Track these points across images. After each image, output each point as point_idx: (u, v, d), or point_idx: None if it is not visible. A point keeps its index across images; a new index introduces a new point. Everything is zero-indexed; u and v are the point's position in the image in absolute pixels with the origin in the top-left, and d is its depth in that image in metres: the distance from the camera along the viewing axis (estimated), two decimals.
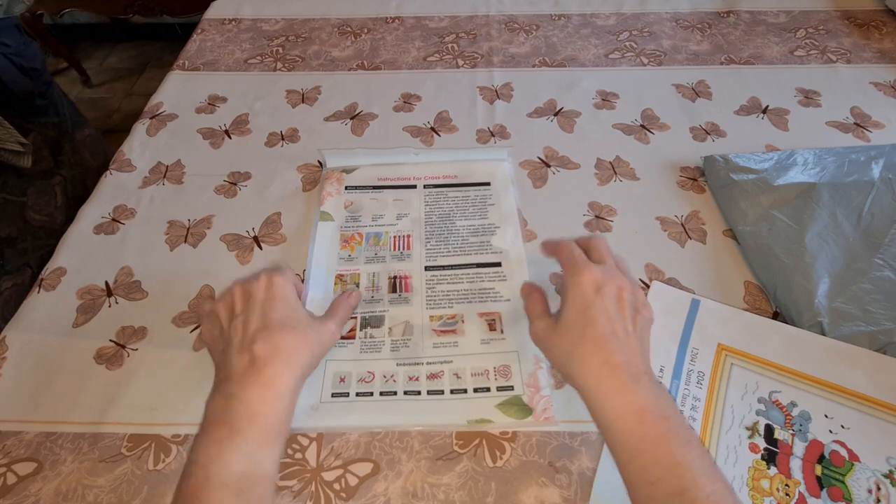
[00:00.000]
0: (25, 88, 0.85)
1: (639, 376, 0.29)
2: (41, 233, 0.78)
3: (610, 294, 0.32)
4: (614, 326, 0.31)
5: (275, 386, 0.30)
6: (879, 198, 0.45)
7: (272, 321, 0.32)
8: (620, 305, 0.32)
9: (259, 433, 0.28)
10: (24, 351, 0.40)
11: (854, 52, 0.66)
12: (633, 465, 0.28)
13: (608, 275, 0.32)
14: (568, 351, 0.31)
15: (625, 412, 0.28)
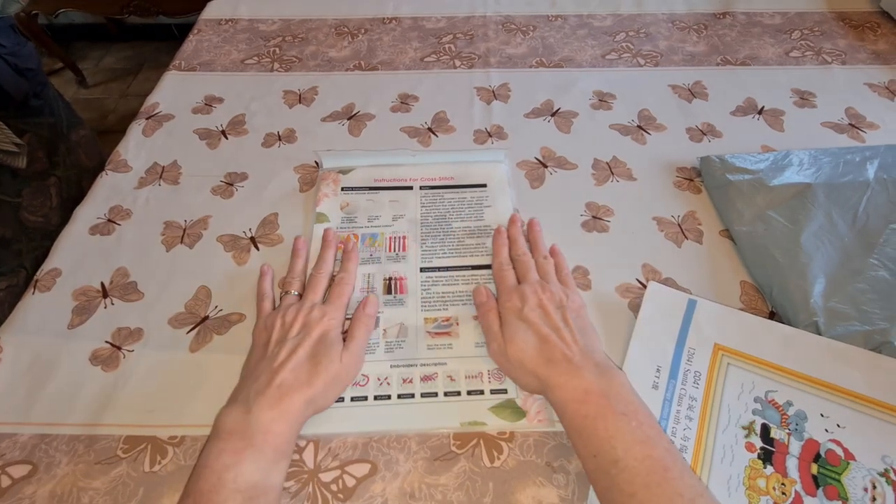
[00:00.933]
0: (20, 89, 0.84)
1: (581, 363, 0.33)
2: (36, 234, 0.77)
3: (532, 310, 0.36)
4: (544, 332, 0.35)
5: (289, 414, 0.32)
6: (874, 198, 0.46)
7: (308, 360, 0.35)
8: (544, 313, 0.36)
9: (270, 449, 0.31)
10: (18, 352, 0.40)
11: (849, 54, 0.66)
12: (580, 442, 0.31)
13: (527, 295, 0.38)
14: (518, 365, 0.35)
15: (570, 396, 0.32)
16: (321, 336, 0.36)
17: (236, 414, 0.32)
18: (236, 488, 0.29)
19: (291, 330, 0.36)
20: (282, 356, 0.34)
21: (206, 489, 0.29)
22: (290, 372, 0.33)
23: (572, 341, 0.35)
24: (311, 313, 0.37)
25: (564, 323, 0.36)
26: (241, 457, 0.30)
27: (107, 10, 1.61)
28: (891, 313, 0.38)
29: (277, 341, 0.36)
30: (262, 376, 0.33)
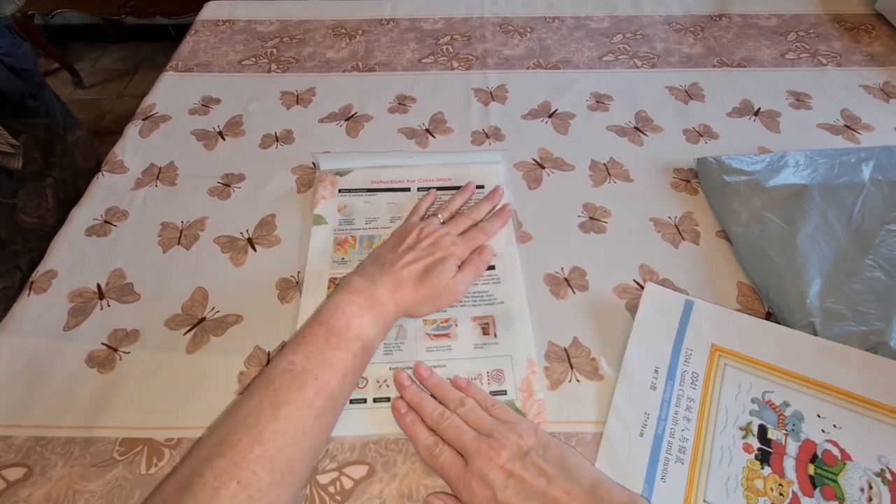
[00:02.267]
0: (16, 89, 0.84)
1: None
2: (32, 235, 0.77)
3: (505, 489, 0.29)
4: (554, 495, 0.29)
5: (396, 300, 0.37)
6: (869, 199, 0.46)
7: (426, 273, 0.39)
8: (520, 482, 0.29)
9: (382, 319, 0.36)
10: (14, 354, 0.40)
11: (844, 56, 0.67)
12: None
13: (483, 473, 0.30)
14: None
15: None
16: (442, 258, 0.40)
17: (364, 281, 0.37)
18: (358, 335, 0.34)
19: (423, 242, 0.41)
20: (406, 259, 0.39)
21: (338, 325, 0.34)
22: (407, 274, 0.38)
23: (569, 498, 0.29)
24: (444, 237, 0.42)
25: (546, 477, 0.30)
26: (364, 312, 0.35)
27: (103, 10, 1.60)
28: (886, 314, 0.38)
29: (409, 245, 0.41)
30: (387, 265, 0.39)
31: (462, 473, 0.31)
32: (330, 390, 0.32)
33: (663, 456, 0.34)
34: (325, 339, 0.34)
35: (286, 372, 0.32)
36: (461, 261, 0.41)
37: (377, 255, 0.41)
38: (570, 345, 0.40)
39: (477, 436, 0.32)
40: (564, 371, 0.39)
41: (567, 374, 0.39)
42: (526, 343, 0.40)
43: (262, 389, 0.31)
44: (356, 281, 0.37)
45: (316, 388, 0.31)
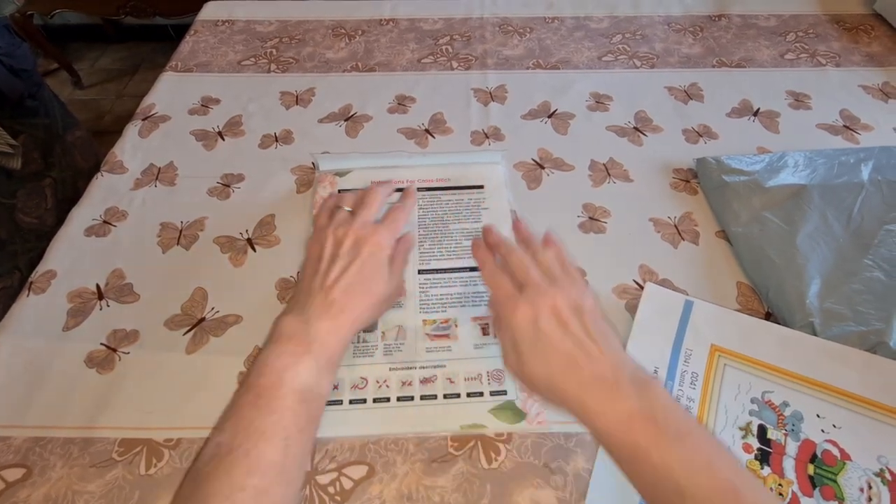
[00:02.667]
0: (16, 89, 0.84)
1: (616, 377, 0.29)
2: (31, 235, 0.77)
3: (548, 321, 0.31)
4: (568, 346, 0.30)
5: (341, 329, 0.34)
6: (869, 199, 0.46)
7: (361, 279, 0.35)
8: (562, 322, 0.31)
9: (324, 358, 0.33)
10: (13, 355, 0.40)
11: (843, 56, 0.67)
12: (632, 472, 0.28)
13: (538, 303, 0.32)
14: (544, 384, 0.31)
15: (613, 424, 0.28)
16: (370, 256, 0.36)
17: (295, 322, 0.33)
18: (293, 388, 0.31)
19: (343, 245, 0.37)
20: (333, 274, 0.35)
21: (267, 385, 0.30)
22: (342, 291, 0.34)
23: (600, 354, 0.30)
24: (361, 231, 0.37)
25: (586, 332, 0.31)
26: (299, 360, 0.31)
27: (103, 10, 1.60)
28: (885, 314, 0.38)
29: (331, 257, 0.36)
30: (317, 292, 0.35)
31: (513, 295, 0.33)
32: (268, 462, 0.28)
33: None
34: (254, 405, 0.30)
35: (213, 458, 0.28)
36: (389, 250, 0.38)
37: (305, 282, 0.37)
38: None
39: (541, 275, 0.34)
40: None
41: None
42: None
43: (188, 484, 0.29)
44: (286, 325, 0.33)
45: (248, 466, 0.27)
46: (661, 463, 0.26)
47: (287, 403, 0.30)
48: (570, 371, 0.30)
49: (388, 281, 0.37)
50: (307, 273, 0.37)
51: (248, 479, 0.27)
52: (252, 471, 0.27)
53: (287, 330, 0.33)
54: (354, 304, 0.35)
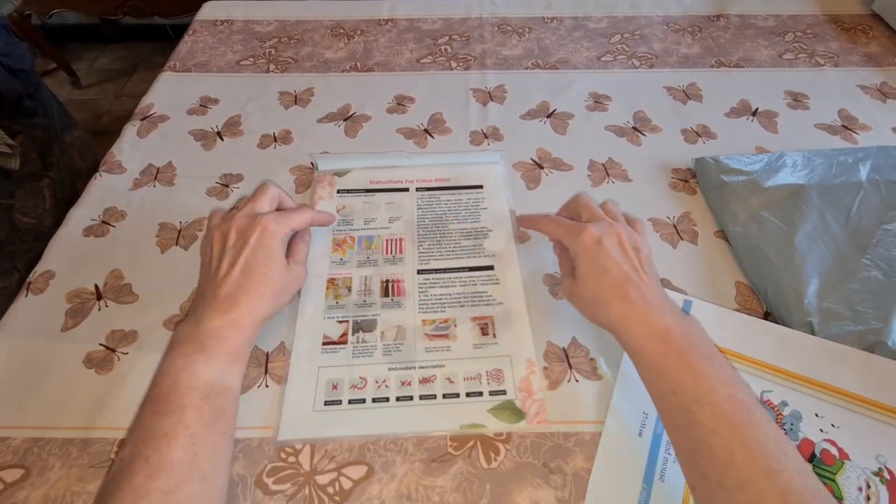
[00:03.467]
0: (14, 89, 0.84)
1: (660, 304, 0.33)
2: (29, 235, 0.77)
3: (611, 243, 0.35)
4: (624, 269, 0.34)
5: (238, 322, 0.33)
6: (867, 199, 0.46)
7: (250, 268, 0.35)
8: (623, 250, 0.35)
9: (223, 353, 0.32)
10: (11, 355, 0.40)
11: (841, 56, 0.67)
12: (658, 378, 0.31)
13: (604, 228, 0.36)
14: (592, 299, 0.35)
15: (649, 334, 0.31)
16: (259, 242, 0.35)
17: (188, 326, 0.33)
18: (191, 386, 0.30)
19: (229, 239, 0.36)
20: (224, 269, 0.35)
21: (163, 391, 0.30)
22: (232, 284, 0.34)
23: (650, 283, 0.34)
24: (243, 220, 0.37)
25: (640, 265, 0.35)
26: (193, 359, 0.31)
27: (101, 10, 1.60)
28: (884, 313, 0.38)
29: (218, 254, 0.36)
30: (207, 292, 0.34)
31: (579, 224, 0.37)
32: (173, 462, 0.27)
33: (662, 455, 0.34)
34: (152, 412, 0.30)
35: (116, 472, 0.28)
36: (282, 236, 0.37)
37: (199, 287, 0.37)
38: (569, 345, 0.40)
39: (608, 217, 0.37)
40: (563, 371, 0.39)
41: (566, 374, 0.39)
42: (525, 343, 0.40)
43: None
44: (180, 330, 0.33)
45: (148, 471, 0.27)
46: (690, 372, 0.29)
47: (186, 402, 0.30)
48: (620, 288, 0.33)
49: (285, 269, 0.36)
50: (201, 277, 0.37)
51: (150, 483, 0.27)
52: (154, 475, 0.27)
53: (180, 335, 0.33)
54: (247, 295, 0.34)
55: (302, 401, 0.37)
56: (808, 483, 0.25)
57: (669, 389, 0.30)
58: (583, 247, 0.35)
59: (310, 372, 0.38)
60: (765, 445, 0.26)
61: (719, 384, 0.28)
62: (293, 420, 0.36)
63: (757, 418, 0.27)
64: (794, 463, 0.26)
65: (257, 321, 0.35)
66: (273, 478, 0.34)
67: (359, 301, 0.42)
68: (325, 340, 0.40)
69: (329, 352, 0.39)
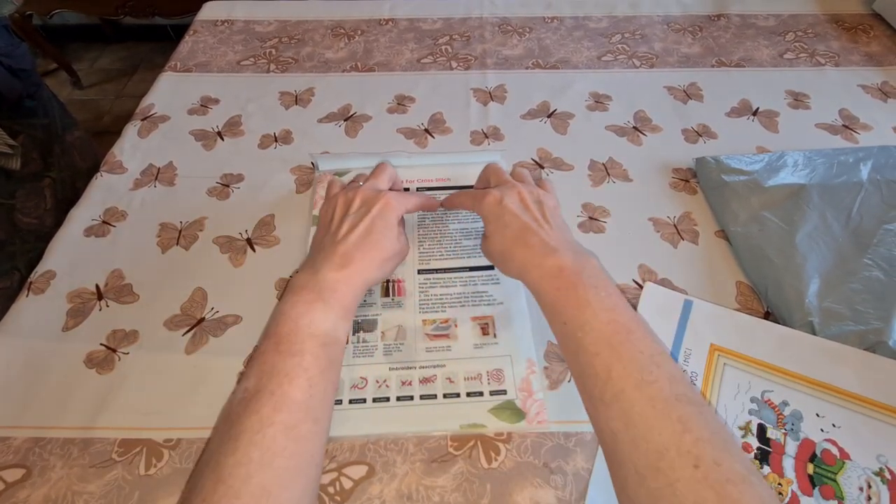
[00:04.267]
0: (14, 90, 0.84)
1: (557, 247, 0.34)
2: (30, 235, 0.77)
3: (512, 200, 0.38)
4: (524, 220, 0.36)
5: (351, 278, 0.35)
6: (868, 199, 0.46)
7: (369, 233, 0.37)
8: (524, 205, 0.38)
9: (337, 306, 0.34)
10: (12, 355, 0.40)
11: (842, 56, 0.67)
12: (552, 313, 0.33)
13: (505, 189, 0.39)
14: (499, 252, 0.37)
15: (545, 274, 0.34)
16: (380, 212, 0.38)
17: (306, 275, 0.35)
18: (311, 333, 0.32)
19: (352, 206, 0.39)
20: (344, 229, 0.37)
21: (285, 332, 0.32)
22: (352, 244, 0.36)
23: (550, 229, 0.36)
24: (370, 191, 0.40)
25: (542, 215, 0.37)
26: (312, 307, 0.33)
27: (102, 10, 1.60)
28: (885, 313, 0.38)
29: (340, 217, 0.39)
30: (327, 247, 0.37)
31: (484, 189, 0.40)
32: (293, 400, 0.30)
33: None
34: (275, 350, 0.31)
35: (241, 400, 0.30)
36: (400, 210, 0.40)
37: (315, 243, 0.40)
38: None
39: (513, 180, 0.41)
40: (564, 371, 0.39)
41: (567, 374, 0.39)
42: (525, 343, 0.40)
43: (221, 425, 0.30)
44: (298, 278, 0.36)
45: (273, 405, 0.29)
46: (576, 302, 0.31)
47: (306, 347, 0.32)
48: (521, 238, 0.36)
49: (396, 239, 0.39)
50: (318, 235, 0.40)
51: (275, 415, 0.29)
52: (279, 408, 0.29)
53: (299, 282, 0.35)
54: (362, 255, 0.36)
55: None
56: (675, 389, 0.28)
57: (561, 321, 0.32)
58: (487, 208, 0.38)
59: None
60: (638, 361, 0.29)
61: (602, 310, 0.31)
62: None
63: (636, 337, 0.30)
64: (666, 373, 0.28)
65: (366, 282, 0.37)
66: None
67: None
68: None
69: None
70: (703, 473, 0.24)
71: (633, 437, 0.27)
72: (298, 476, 0.29)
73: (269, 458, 0.28)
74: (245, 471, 0.27)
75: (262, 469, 0.27)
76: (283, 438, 0.28)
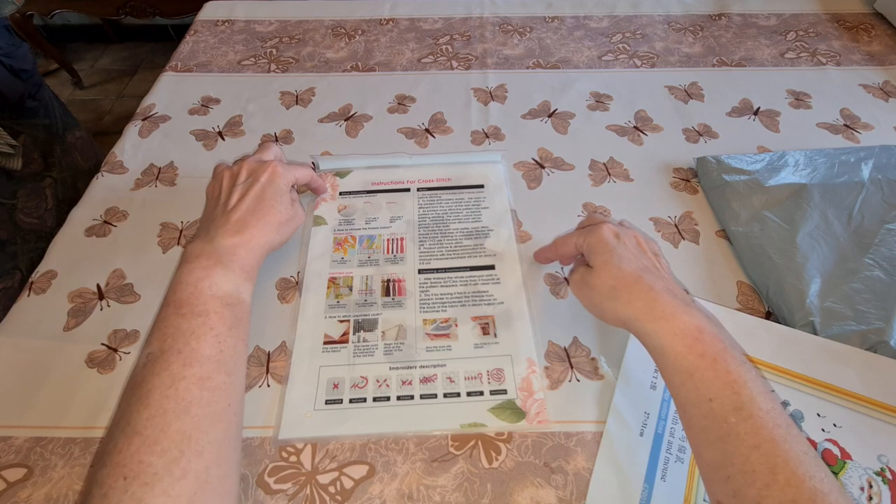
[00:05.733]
0: (15, 90, 0.84)
1: (687, 300, 0.31)
2: (31, 235, 0.77)
3: (629, 240, 0.35)
4: (644, 263, 0.33)
5: (249, 242, 0.36)
6: (869, 198, 0.46)
7: (259, 199, 0.38)
8: (641, 249, 0.35)
9: (238, 268, 0.34)
10: (13, 355, 0.40)
11: (843, 55, 0.67)
12: (689, 383, 0.28)
13: (620, 227, 0.36)
14: (608, 291, 0.32)
15: (680, 332, 0.29)
16: (269, 179, 0.39)
17: (200, 243, 0.35)
18: (213, 294, 0.32)
19: (239, 177, 0.39)
20: (234, 199, 0.38)
21: (184, 297, 0.32)
22: (244, 211, 0.37)
23: (670, 277, 0.33)
24: (255, 163, 0.40)
25: (658, 261, 0.35)
26: (212, 271, 0.33)
27: (103, 10, 1.60)
28: (886, 313, 0.38)
29: (229, 188, 0.39)
30: (218, 217, 0.37)
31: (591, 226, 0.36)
32: (202, 355, 0.30)
33: (663, 455, 0.34)
34: (176, 314, 0.31)
35: (146, 365, 0.29)
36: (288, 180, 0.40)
37: (206, 214, 0.40)
38: (570, 344, 0.40)
39: None
40: (565, 371, 0.39)
41: (567, 374, 0.39)
42: (526, 343, 0.40)
43: (128, 392, 0.29)
44: (192, 248, 0.35)
45: (182, 361, 0.29)
46: (728, 378, 0.27)
47: (210, 307, 0.31)
48: (642, 278, 0.31)
49: (289, 204, 0.39)
50: (208, 208, 0.40)
51: (186, 370, 0.29)
52: (188, 363, 0.29)
53: (194, 251, 0.35)
54: (256, 220, 0.36)
55: (303, 400, 0.37)
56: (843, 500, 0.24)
57: (705, 398, 0.27)
58: (599, 238, 0.34)
59: (311, 371, 0.38)
60: (806, 464, 0.24)
61: (760, 393, 0.27)
62: (294, 419, 0.36)
63: (795, 433, 0.26)
64: (834, 483, 0.25)
65: (265, 245, 0.37)
66: (274, 477, 0.34)
67: (360, 300, 0.42)
68: (326, 340, 0.40)
69: (330, 351, 0.39)
70: None
71: None
72: (218, 422, 0.29)
73: (185, 406, 0.28)
74: (161, 420, 0.27)
75: (179, 417, 0.27)
76: (196, 389, 0.28)
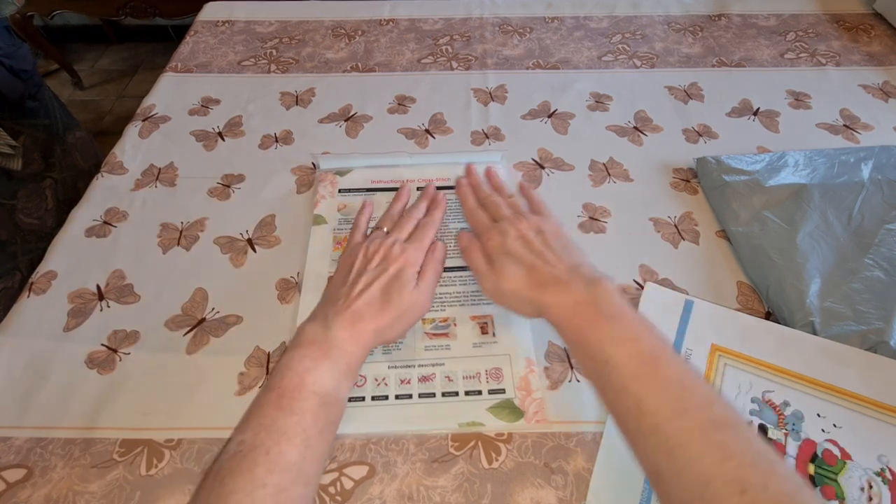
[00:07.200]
0: (16, 90, 0.84)
1: (569, 279, 0.34)
2: (31, 236, 0.77)
3: (513, 242, 0.38)
4: (530, 259, 0.37)
5: (360, 336, 0.35)
6: (869, 198, 0.46)
7: (384, 294, 0.37)
8: (525, 242, 0.38)
9: (343, 363, 0.34)
10: (13, 355, 0.40)
11: (843, 55, 0.67)
12: (576, 351, 0.33)
13: (504, 230, 0.39)
14: (511, 294, 0.37)
15: (563, 312, 0.34)
16: (397, 272, 0.38)
17: (317, 328, 0.35)
18: (314, 391, 0.32)
19: (372, 261, 0.39)
20: (359, 286, 0.37)
21: (290, 387, 0.31)
22: (364, 303, 0.36)
23: (557, 261, 0.36)
24: (392, 248, 0.40)
25: (546, 247, 0.38)
26: (319, 364, 0.33)
27: (103, 11, 1.60)
28: (886, 313, 0.38)
29: (358, 271, 0.38)
30: (340, 300, 0.36)
31: (489, 226, 0.41)
32: (288, 461, 0.29)
33: None
34: (276, 405, 0.31)
35: (235, 455, 0.29)
36: (418, 267, 0.39)
37: (330, 293, 0.39)
38: None
39: (511, 211, 0.42)
40: (564, 371, 0.39)
41: (567, 374, 0.39)
42: (524, 342, 0.40)
43: (210, 480, 0.29)
44: (308, 330, 0.35)
45: (268, 465, 0.28)
46: (596, 338, 0.31)
47: (308, 405, 0.31)
48: (531, 277, 0.36)
49: (413, 293, 0.38)
50: (334, 283, 0.39)
51: (268, 476, 0.28)
52: (272, 469, 0.28)
53: (309, 336, 0.34)
54: (373, 315, 0.36)
55: None
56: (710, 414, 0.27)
57: (587, 358, 0.32)
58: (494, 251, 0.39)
59: None
60: (668, 390, 0.28)
61: (624, 342, 0.30)
62: None
63: (662, 364, 0.29)
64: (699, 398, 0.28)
65: (375, 341, 0.36)
66: None
67: None
68: None
69: None
70: (751, 499, 0.24)
71: (676, 470, 0.26)
72: None
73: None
74: None
75: None
76: (272, 502, 0.28)
